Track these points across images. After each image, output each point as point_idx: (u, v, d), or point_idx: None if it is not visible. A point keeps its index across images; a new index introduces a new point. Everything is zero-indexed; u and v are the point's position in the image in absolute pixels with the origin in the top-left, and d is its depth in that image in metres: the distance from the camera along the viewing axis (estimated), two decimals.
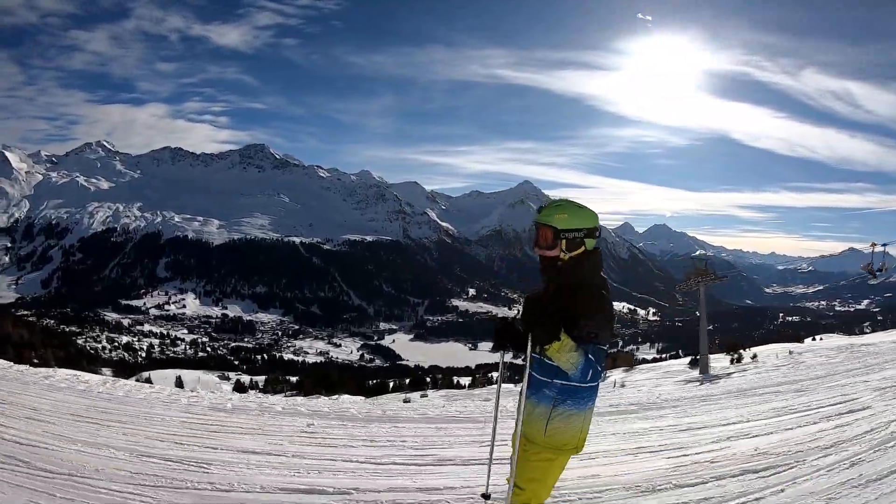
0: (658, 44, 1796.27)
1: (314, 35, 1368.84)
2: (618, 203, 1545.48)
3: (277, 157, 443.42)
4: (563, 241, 3.73)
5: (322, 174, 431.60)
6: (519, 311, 3.96)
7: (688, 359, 42.39)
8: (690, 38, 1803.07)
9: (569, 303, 3.58)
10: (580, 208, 3.81)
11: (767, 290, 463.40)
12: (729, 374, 27.28)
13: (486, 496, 4.18)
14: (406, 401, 25.37)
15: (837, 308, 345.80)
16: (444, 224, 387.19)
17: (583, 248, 3.77)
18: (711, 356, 35.47)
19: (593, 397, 3.80)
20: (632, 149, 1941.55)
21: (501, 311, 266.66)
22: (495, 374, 73.93)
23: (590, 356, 3.51)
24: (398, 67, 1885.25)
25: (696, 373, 32.43)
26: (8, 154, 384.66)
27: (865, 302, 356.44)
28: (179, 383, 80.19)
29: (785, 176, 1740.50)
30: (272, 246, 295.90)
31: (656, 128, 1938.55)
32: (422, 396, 37.13)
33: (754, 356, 34.73)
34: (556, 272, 3.78)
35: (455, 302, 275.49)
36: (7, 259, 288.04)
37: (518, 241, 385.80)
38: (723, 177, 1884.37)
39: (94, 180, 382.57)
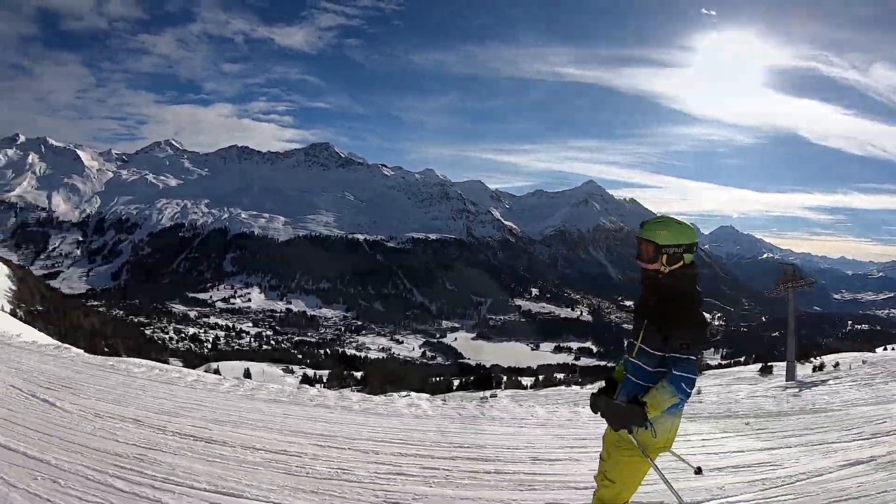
0: (723, 39, 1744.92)
1: (376, 35, 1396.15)
2: (683, 203, 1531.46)
3: (342, 155, 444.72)
4: (665, 256, 4.01)
5: (386, 172, 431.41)
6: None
7: (757, 366, 39.58)
8: (756, 33, 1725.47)
9: (661, 315, 3.91)
10: (680, 225, 4.07)
11: (836, 296, 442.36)
12: (823, 381, 24.27)
13: (698, 471, 4.46)
14: (483, 399, 23.02)
15: None
16: (507, 223, 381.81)
17: (681, 262, 4.05)
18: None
19: (683, 403, 3.96)
20: (697, 147, 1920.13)
21: (564, 312, 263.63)
22: (559, 375, 74.81)
23: (679, 374, 3.78)
24: (459, 66, 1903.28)
25: (769, 380, 30.83)
26: (80, 152, 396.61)
27: None
28: (247, 374, 79.27)
29: (855, 176, 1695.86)
30: (336, 243, 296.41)
31: (722, 126, 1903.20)
32: (492, 396, 34.82)
33: (836, 364, 33.36)
34: (657, 285, 4.06)
35: (518, 301, 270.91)
36: (78, 252, 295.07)
37: (582, 242, 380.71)
38: (791, 177, 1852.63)
39: (162, 178, 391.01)
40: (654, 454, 4.03)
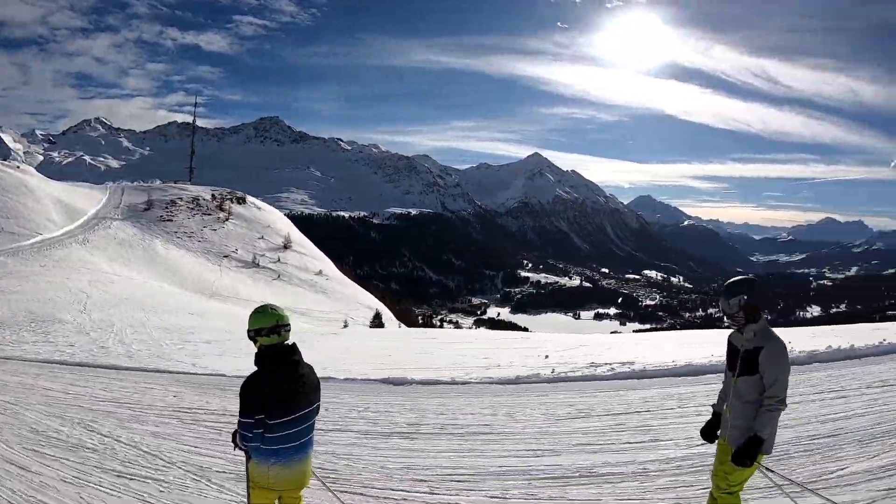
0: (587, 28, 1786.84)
1: (286, 39, 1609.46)
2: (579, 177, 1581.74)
3: (294, 130, 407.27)
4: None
5: (345, 147, 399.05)
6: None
7: None
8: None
9: None
10: (256, 313, 3.68)
11: (752, 259, 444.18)
12: None
13: None
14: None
15: (829, 274, 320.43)
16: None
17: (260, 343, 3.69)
18: None
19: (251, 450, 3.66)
20: (568, 125, 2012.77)
21: (563, 280, 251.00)
22: None
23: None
24: (336, 57, 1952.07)
25: None
26: (1, 134, 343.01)
27: (854, 269, 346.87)
28: None
29: (726, 148, 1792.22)
30: (322, 222, 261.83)
31: (589, 105, 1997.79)
32: None
33: None
34: None
35: (524, 273, 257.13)
36: None
37: (545, 213, 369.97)
38: (667, 149, 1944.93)
39: (101, 159, 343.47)
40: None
